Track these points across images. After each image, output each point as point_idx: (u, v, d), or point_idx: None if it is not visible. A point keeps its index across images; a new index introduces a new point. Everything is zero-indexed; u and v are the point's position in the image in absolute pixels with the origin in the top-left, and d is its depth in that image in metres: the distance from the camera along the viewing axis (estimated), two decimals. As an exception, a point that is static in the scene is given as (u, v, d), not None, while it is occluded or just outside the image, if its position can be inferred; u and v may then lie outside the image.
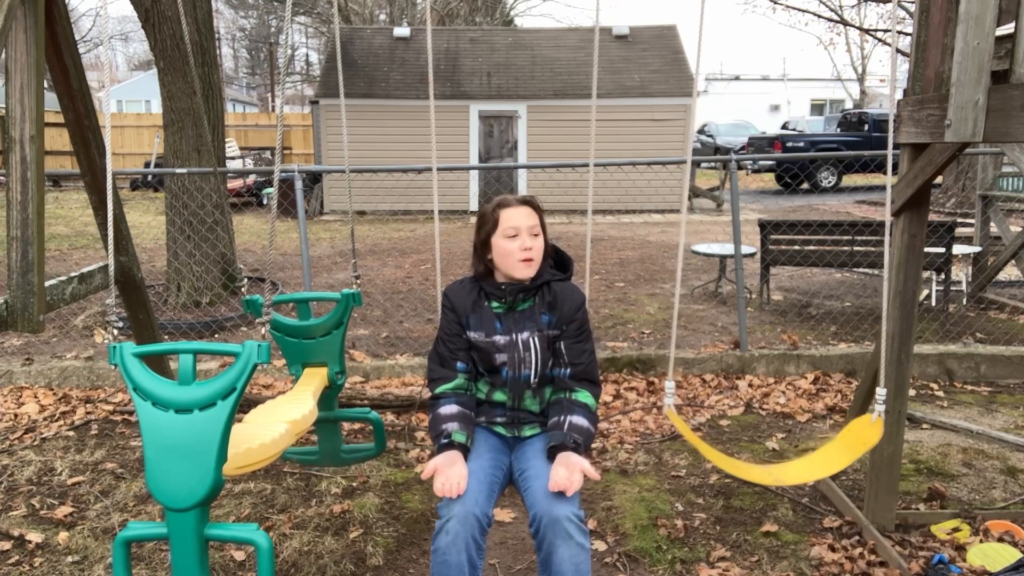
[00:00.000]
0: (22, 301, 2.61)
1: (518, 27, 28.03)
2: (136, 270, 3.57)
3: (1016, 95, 2.33)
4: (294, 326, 3.08)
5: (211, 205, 6.96)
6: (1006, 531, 3.10)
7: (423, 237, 12.03)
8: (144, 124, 22.36)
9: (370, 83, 15.88)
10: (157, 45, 6.86)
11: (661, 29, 17.61)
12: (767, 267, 6.99)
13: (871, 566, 2.89)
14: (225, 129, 8.06)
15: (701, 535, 3.19)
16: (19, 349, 5.81)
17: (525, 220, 2.32)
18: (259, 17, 45.72)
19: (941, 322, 6.05)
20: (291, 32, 38.98)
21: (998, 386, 5.03)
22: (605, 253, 10.26)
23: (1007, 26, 2.38)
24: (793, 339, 5.72)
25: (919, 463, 3.84)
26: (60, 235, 11.39)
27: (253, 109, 40.13)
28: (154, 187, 17.65)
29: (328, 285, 8.11)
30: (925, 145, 2.88)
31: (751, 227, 8.39)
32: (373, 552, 3.09)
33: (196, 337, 6.02)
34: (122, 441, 4.26)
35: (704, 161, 6.94)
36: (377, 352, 5.70)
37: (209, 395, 1.99)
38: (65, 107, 3.05)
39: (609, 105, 15.17)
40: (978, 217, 7.20)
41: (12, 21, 2.47)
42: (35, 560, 3.04)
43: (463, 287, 2.44)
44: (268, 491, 3.63)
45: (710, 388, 5.02)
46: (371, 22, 27.11)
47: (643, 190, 11.69)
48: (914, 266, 3.01)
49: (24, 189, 2.58)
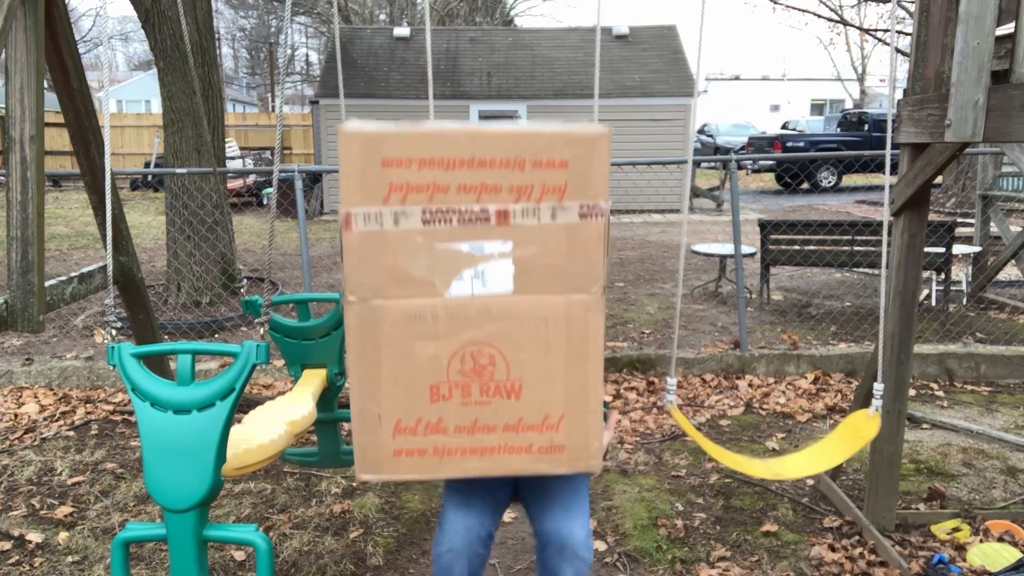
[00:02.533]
0: (22, 301, 2.61)
1: (518, 27, 28.03)
2: (136, 270, 3.57)
3: (1016, 95, 2.33)
4: (293, 327, 3.08)
5: (211, 205, 6.96)
6: (1006, 531, 3.10)
7: (423, 237, 12.01)
8: (144, 124, 22.36)
9: (370, 83, 15.88)
10: (157, 45, 6.85)
11: (661, 29, 17.61)
12: (767, 267, 6.98)
13: (871, 566, 2.89)
14: (225, 129, 8.06)
15: (701, 535, 3.19)
16: (19, 349, 5.81)
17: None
18: (259, 17, 45.74)
19: (941, 322, 6.05)
20: (291, 32, 39.01)
21: (998, 386, 5.03)
22: (605, 253, 10.25)
23: (1007, 26, 2.38)
24: (793, 339, 5.72)
25: (919, 463, 3.84)
26: (60, 235, 11.39)
27: (253, 109, 40.16)
28: (154, 187, 17.65)
29: (328, 285, 8.11)
30: (925, 145, 2.88)
31: (751, 227, 8.38)
32: (373, 552, 3.09)
33: (196, 337, 6.02)
34: (122, 441, 4.26)
35: (704, 161, 6.94)
36: (377, 352, 5.69)
37: (208, 396, 1.99)
38: (65, 107, 3.05)
39: (609, 105, 15.17)
40: (978, 217, 7.20)
41: (12, 21, 2.47)
42: (35, 560, 3.04)
43: None
44: (268, 491, 3.63)
45: (710, 388, 5.02)
46: (371, 22, 27.11)
47: (643, 190, 11.68)
48: (914, 266, 3.01)
49: (24, 189, 2.58)
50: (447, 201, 1.55)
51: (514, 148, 1.56)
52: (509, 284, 1.58)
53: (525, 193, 1.56)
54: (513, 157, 1.55)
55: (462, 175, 1.54)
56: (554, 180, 1.56)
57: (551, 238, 1.58)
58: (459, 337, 1.59)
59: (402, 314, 1.58)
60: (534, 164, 1.56)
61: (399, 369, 1.60)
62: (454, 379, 1.60)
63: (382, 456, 1.63)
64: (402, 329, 1.58)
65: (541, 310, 1.60)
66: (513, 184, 1.56)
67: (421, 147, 1.54)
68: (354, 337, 1.59)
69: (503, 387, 1.61)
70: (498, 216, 1.57)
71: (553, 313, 1.60)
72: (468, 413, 1.61)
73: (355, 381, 1.62)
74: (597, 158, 1.58)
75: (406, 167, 1.54)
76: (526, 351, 1.60)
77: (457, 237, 1.56)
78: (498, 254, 1.57)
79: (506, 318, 1.59)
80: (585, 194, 1.58)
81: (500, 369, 1.60)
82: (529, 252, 1.57)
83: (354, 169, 1.54)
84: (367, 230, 1.55)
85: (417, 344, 1.59)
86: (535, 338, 1.60)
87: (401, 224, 1.55)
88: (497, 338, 1.59)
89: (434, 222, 1.56)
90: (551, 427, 1.62)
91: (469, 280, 1.58)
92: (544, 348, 1.61)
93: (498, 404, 1.61)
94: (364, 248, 1.55)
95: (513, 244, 1.57)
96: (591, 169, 1.57)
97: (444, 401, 1.61)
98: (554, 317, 1.60)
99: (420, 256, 1.56)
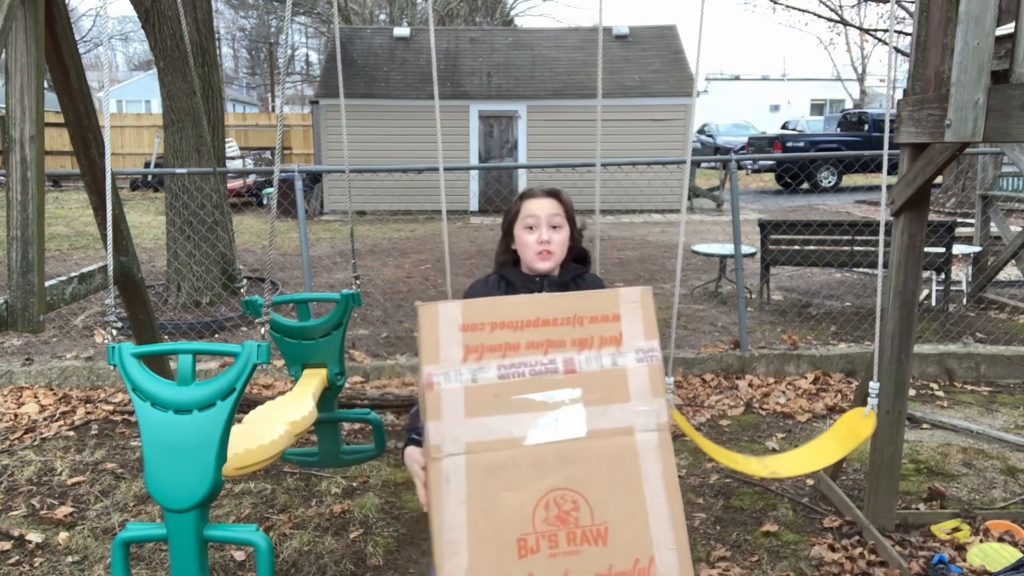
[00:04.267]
0: (22, 301, 2.61)
1: (518, 27, 28.04)
2: (136, 270, 3.57)
3: (1016, 95, 2.33)
4: (293, 327, 3.08)
5: (211, 205, 6.96)
6: (1006, 531, 3.10)
7: (423, 237, 12.02)
8: (144, 124, 22.36)
9: (370, 83, 15.88)
10: (157, 45, 6.85)
11: (661, 29, 17.61)
12: (767, 267, 6.98)
13: (871, 566, 2.89)
14: (225, 129, 8.05)
15: (701, 535, 3.19)
16: (19, 349, 5.81)
17: (545, 211, 2.23)
18: (259, 17, 45.72)
19: (941, 322, 6.05)
20: (291, 32, 39.00)
21: (998, 386, 5.03)
22: (605, 253, 10.26)
23: (1007, 26, 2.38)
24: (793, 339, 5.72)
25: (919, 463, 3.84)
26: (60, 235, 11.38)
27: (253, 109, 40.13)
28: (154, 187, 17.64)
29: (328, 285, 8.11)
30: (925, 145, 2.88)
31: (751, 227, 8.38)
32: (373, 552, 3.09)
33: (196, 337, 6.02)
34: (122, 441, 4.26)
35: (704, 161, 6.94)
36: (377, 352, 5.70)
37: (208, 395, 1.99)
38: (65, 107, 3.05)
39: (609, 105, 15.17)
40: (978, 217, 7.20)
41: (12, 21, 2.47)
42: (35, 560, 3.04)
43: (487, 285, 2.35)
44: (268, 491, 3.63)
45: (710, 388, 5.02)
46: (371, 22, 27.11)
47: (643, 190, 11.69)
48: (914, 266, 3.01)
49: (24, 189, 2.58)
50: (519, 356, 1.70)
51: (573, 308, 1.74)
52: (583, 428, 1.67)
53: (587, 344, 1.72)
54: (572, 315, 1.73)
55: (529, 334, 1.71)
56: (610, 332, 1.74)
57: (614, 382, 1.71)
58: (541, 483, 1.63)
59: (484, 466, 1.63)
60: (591, 320, 1.73)
61: (486, 524, 1.60)
62: (540, 529, 1.61)
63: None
64: (485, 481, 1.62)
65: (615, 451, 1.68)
66: (575, 338, 1.72)
67: (492, 313, 1.72)
68: (437, 494, 1.61)
69: (589, 533, 1.62)
70: (565, 365, 1.70)
71: (627, 452, 1.69)
72: (558, 566, 1.60)
73: (439, 543, 1.59)
74: (643, 309, 1.76)
75: (480, 330, 1.70)
76: (607, 492, 1.65)
77: (530, 389, 1.68)
78: (569, 400, 1.68)
79: (584, 460, 1.66)
80: (638, 340, 1.74)
81: (584, 513, 1.63)
82: (597, 396, 1.69)
83: (432, 336, 1.69)
84: (448, 387, 1.66)
85: (501, 494, 1.62)
86: (614, 479, 1.66)
87: (479, 380, 1.68)
88: (577, 481, 1.65)
89: (509, 376, 1.69)
90: (643, 572, 1.61)
91: (544, 427, 1.66)
92: (623, 488, 1.66)
93: (587, 552, 1.61)
94: (444, 404, 1.65)
95: (582, 391, 1.69)
96: (640, 318, 1.75)
97: (533, 555, 1.59)
98: (629, 456, 1.68)
99: (498, 408, 1.67)
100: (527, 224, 2.24)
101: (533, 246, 2.22)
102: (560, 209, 2.26)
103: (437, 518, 1.60)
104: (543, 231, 2.21)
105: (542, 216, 2.22)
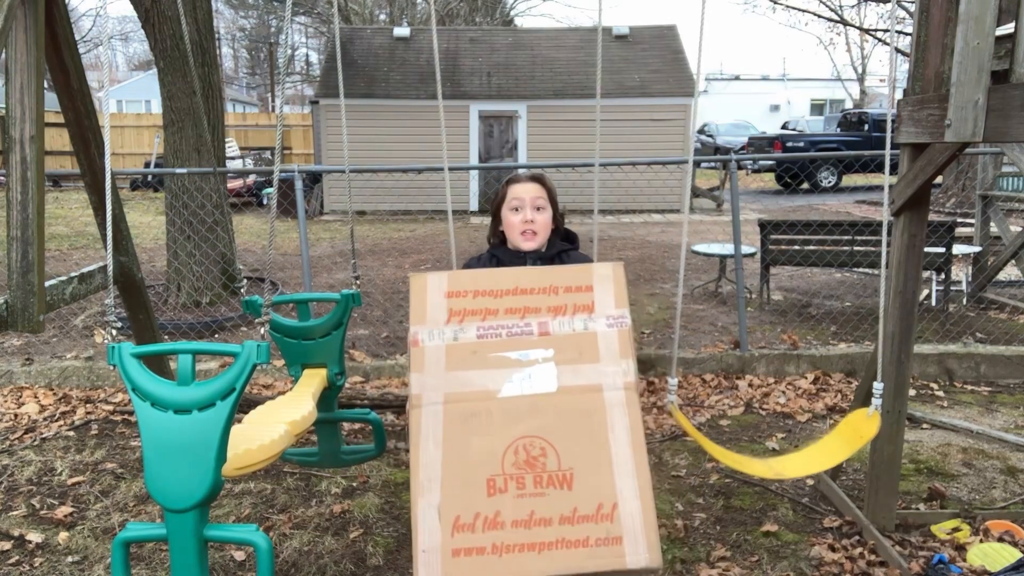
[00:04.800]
0: (22, 301, 2.61)
1: (518, 27, 28.03)
2: (136, 270, 3.57)
3: (1016, 95, 2.33)
4: (293, 327, 3.08)
5: (211, 205, 6.96)
6: (1006, 531, 3.10)
7: (423, 237, 12.02)
8: (144, 124, 22.35)
9: (370, 83, 15.88)
10: (157, 45, 6.85)
11: (661, 29, 17.60)
12: (767, 267, 6.98)
13: (871, 566, 2.89)
14: (225, 129, 8.05)
15: (701, 535, 3.19)
16: (19, 349, 5.81)
17: (529, 193, 2.40)
18: (259, 17, 45.69)
19: (941, 322, 6.05)
20: (291, 32, 39.00)
21: (998, 386, 5.03)
22: (605, 253, 10.26)
23: (1007, 26, 2.38)
24: (793, 339, 5.72)
25: (919, 463, 3.84)
26: (60, 235, 11.38)
27: (253, 109, 40.11)
28: (154, 187, 17.64)
29: (328, 285, 8.11)
30: (925, 145, 2.88)
31: (751, 227, 8.38)
32: (373, 552, 3.09)
33: (196, 337, 6.02)
34: (122, 441, 4.26)
35: (704, 161, 6.94)
36: (377, 352, 5.70)
37: (208, 395, 1.99)
38: (65, 107, 3.05)
39: (609, 105, 15.16)
40: (978, 217, 7.20)
41: (12, 21, 2.47)
42: (35, 560, 3.04)
43: (480, 261, 2.54)
44: (268, 491, 3.63)
45: (710, 388, 5.02)
46: (371, 22, 27.10)
47: (643, 190, 11.68)
48: (914, 266, 3.01)
49: (24, 189, 2.58)
50: (497, 320, 1.87)
51: (549, 279, 1.91)
52: (554, 384, 1.81)
53: (561, 311, 1.89)
54: (548, 285, 1.90)
55: (508, 301, 1.89)
56: (583, 300, 1.90)
57: (585, 344, 1.85)
58: (512, 431, 1.76)
59: (460, 414, 1.78)
60: (566, 290, 1.90)
61: (459, 465, 1.74)
62: (509, 471, 1.74)
63: (443, 558, 1.68)
64: (460, 427, 1.76)
65: (583, 405, 1.79)
66: (550, 305, 1.89)
67: (475, 283, 1.91)
68: (416, 438, 1.76)
69: (555, 477, 1.74)
70: (540, 328, 1.87)
71: (594, 407, 1.79)
72: (524, 505, 1.71)
73: (416, 480, 1.74)
74: (615, 282, 1.91)
75: (463, 297, 1.88)
76: (574, 442, 1.76)
77: (506, 348, 1.84)
78: (542, 359, 1.83)
79: (553, 412, 1.78)
80: (609, 308, 1.88)
81: (551, 459, 1.75)
82: (568, 356, 1.83)
83: (421, 301, 1.88)
84: (431, 344, 1.84)
85: (474, 439, 1.76)
86: (581, 430, 1.77)
87: (460, 339, 1.85)
88: (546, 430, 1.77)
89: (487, 336, 1.85)
90: (606, 517, 1.70)
91: (518, 382, 1.81)
92: (589, 439, 1.76)
93: (552, 495, 1.72)
94: (427, 359, 1.82)
95: (554, 351, 1.83)
96: (612, 290, 1.90)
97: (500, 494, 1.72)
98: (596, 410, 1.79)
99: (476, 364, 1.82)
100: (513, 206, 2.42)
101: (518, 226, 2.40)
102: (543, 192, 2.44)
103: (415, 458, 1.74)
104: (527, 211, 2.39)
105: (527, 199, 2.40)
